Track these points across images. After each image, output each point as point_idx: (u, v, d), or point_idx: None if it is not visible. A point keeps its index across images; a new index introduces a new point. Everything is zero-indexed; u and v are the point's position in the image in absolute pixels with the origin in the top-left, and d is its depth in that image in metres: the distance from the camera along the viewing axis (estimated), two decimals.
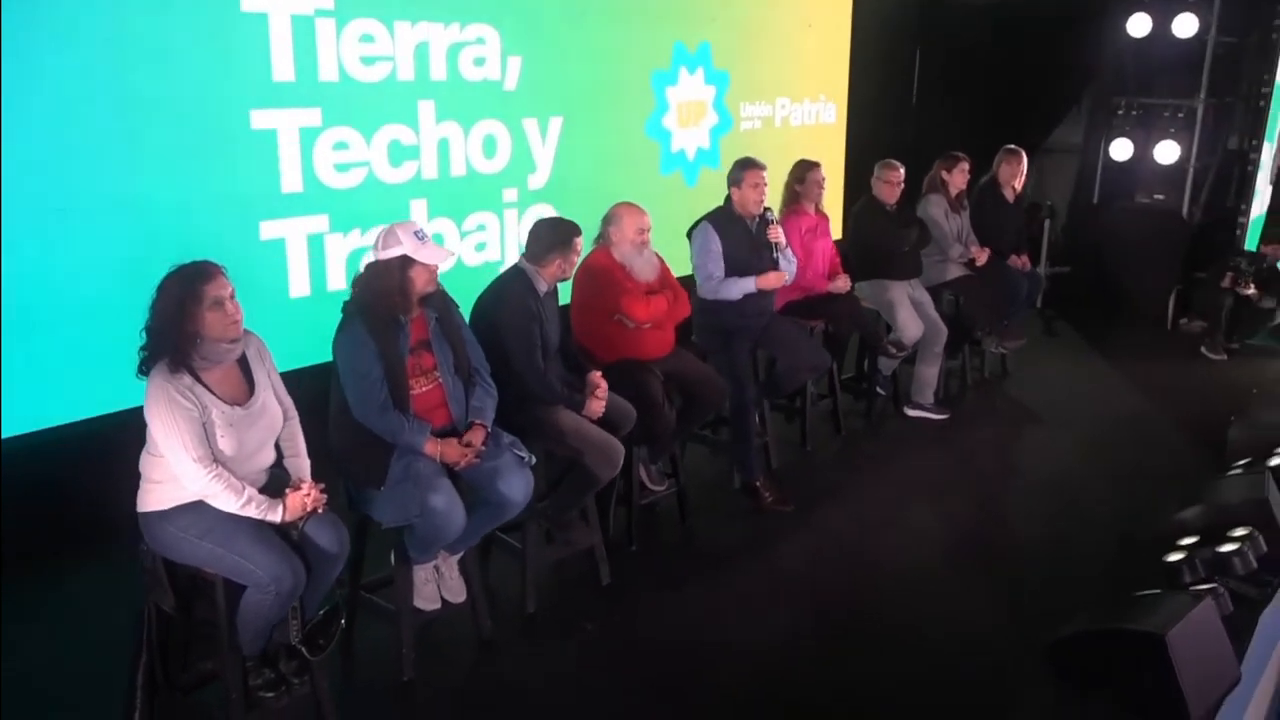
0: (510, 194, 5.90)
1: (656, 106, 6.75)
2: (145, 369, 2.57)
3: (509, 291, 3.55)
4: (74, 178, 4.04)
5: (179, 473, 2.57)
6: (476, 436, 3.19)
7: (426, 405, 3.17)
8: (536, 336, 3.52)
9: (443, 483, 3.05)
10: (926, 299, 5.58)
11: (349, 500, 3.19)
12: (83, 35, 3.97)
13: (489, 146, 5.68)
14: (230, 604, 2.66)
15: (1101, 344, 7.26)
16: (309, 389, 3.28)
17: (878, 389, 5.71)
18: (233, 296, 2.61)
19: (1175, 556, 3.89)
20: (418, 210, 5.40)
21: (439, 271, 3.19)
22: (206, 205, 4.50)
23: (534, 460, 3.31)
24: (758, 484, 4.55)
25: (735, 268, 4.52)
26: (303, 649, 2.77)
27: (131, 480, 2.75)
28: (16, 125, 3.83)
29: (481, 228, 5.76)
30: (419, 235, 3.10)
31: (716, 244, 4.51)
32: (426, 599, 3.32)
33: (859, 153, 8.16)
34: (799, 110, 8.01)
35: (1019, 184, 6.21)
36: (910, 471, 5.07)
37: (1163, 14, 7.33)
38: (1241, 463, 4.74)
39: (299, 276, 4.94)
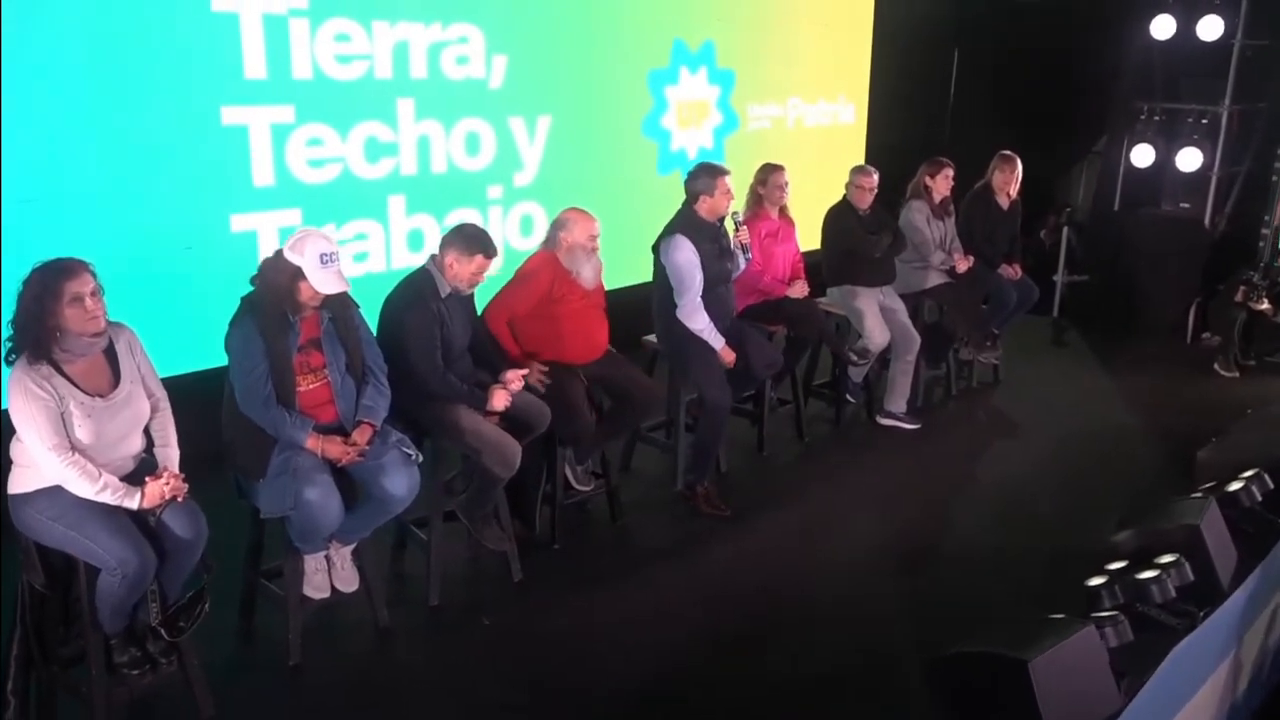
0: (495, 191, 5.99)
1: (654, 106, 6.77)
2: (11, 359, 2.71)
3: (411, 293, 3.63)
4: (40, 169, 4.24)
5: (36, 458, 2.71)
6: (362, 435, 3.28)
7: (313, 402, 3.27)
8: (437, 337, 3.59)
9: (320, 478, 3.14)
10: (899, 306, 5.50)
11: (238, 490, 3.31)
12: (55, 33, 4.16)
13: (471, 144, 5.78)
14: (91, 584, 2.80)
15: (1110, 356, 7.05)
16: None
17: (847, 396, 5.65)
18: (94, 293, 2.73)
19: (1097, 580, 3.79)
20: (396, 206, 5.53)
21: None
22: (175, 197, 4.68)
23: (420, 458, 3.38)
24: (698, 488, 4.56)
25: (706, 276, 4.47)
26: (161, 630, 2.89)
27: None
28: None
29: None
30: (324, 259, 3.13)
31: (696, 258, 4.41)
32: (316, 587, 3.43)
33: (883, 154, 8.04)
34: (813, 110, 7.95)
35: (1013, 190, 6.06)
36: (864, 480, 5.02)
37: (1187, 16, 7.05)
38: (1205, 486, 4.58)
39: None
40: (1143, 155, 7.39)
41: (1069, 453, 5.36)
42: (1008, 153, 6.04)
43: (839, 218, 5.43)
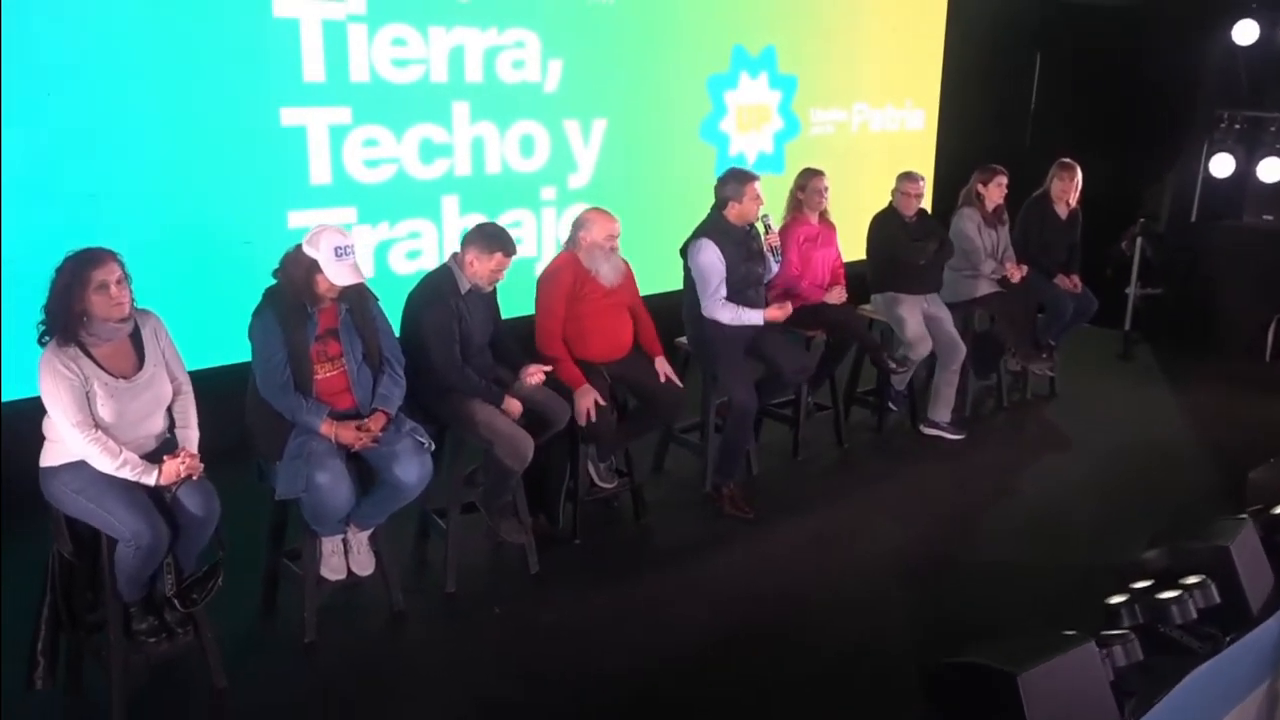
0: (549, 192, 6.11)
1: (713, 110, 6.81)
2: (44, 341, 2.91)
3: (431, 289, 3.75)
4: (107, 166, 4.49)
5: (62, 434, 2.91)
6: (376, 422, 3.41)
7: (331, 389, 3.41)
8: (455, 332, 3.71)
9: (333, 463, 3.28)
10: (945, 315, 5.42)
11: (259, 473, 3.47)
12: (120, 35, 4.41)
13: (526, 146, 5.90)
14: (111, 554, 2.98)
15: (1180, 372, 6.82)
16: None
17: (889, 404, 5.60)
18: (119, 282, 2.90)
19: (1118, 599, 3.70)
20: (449, 206, 5.69)
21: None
22: (234, 194, 4.90)
23: (433, 447, 3.50)
24: (723, 490, 4.59)
25: (734, 279, 4.52)
26: (175, 601, 3.07)
27: None
28: (55, 116, 4.30)
29: (518, 224, 5.99)
30: (339, 252, 3.27)
31: (720, 260, 4.46)
32: (332, 569, 3.56)
33: (954, 161, 7.94)
34: (879, 116, 7.88)
35: (1073, 199, 5.94)
36: (897, 489, 4.97)
37: (1271, 20, 6.79)
38: (1253, 508, 4.42)
39: None
40: (1222, 165, 7.13)
41: (1116, 469, 5.21)
42: (1067, 160, 5.92)
43: (883, 224, 5.39)
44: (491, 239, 3.77)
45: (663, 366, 4.35)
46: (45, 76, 4.24)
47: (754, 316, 4.50)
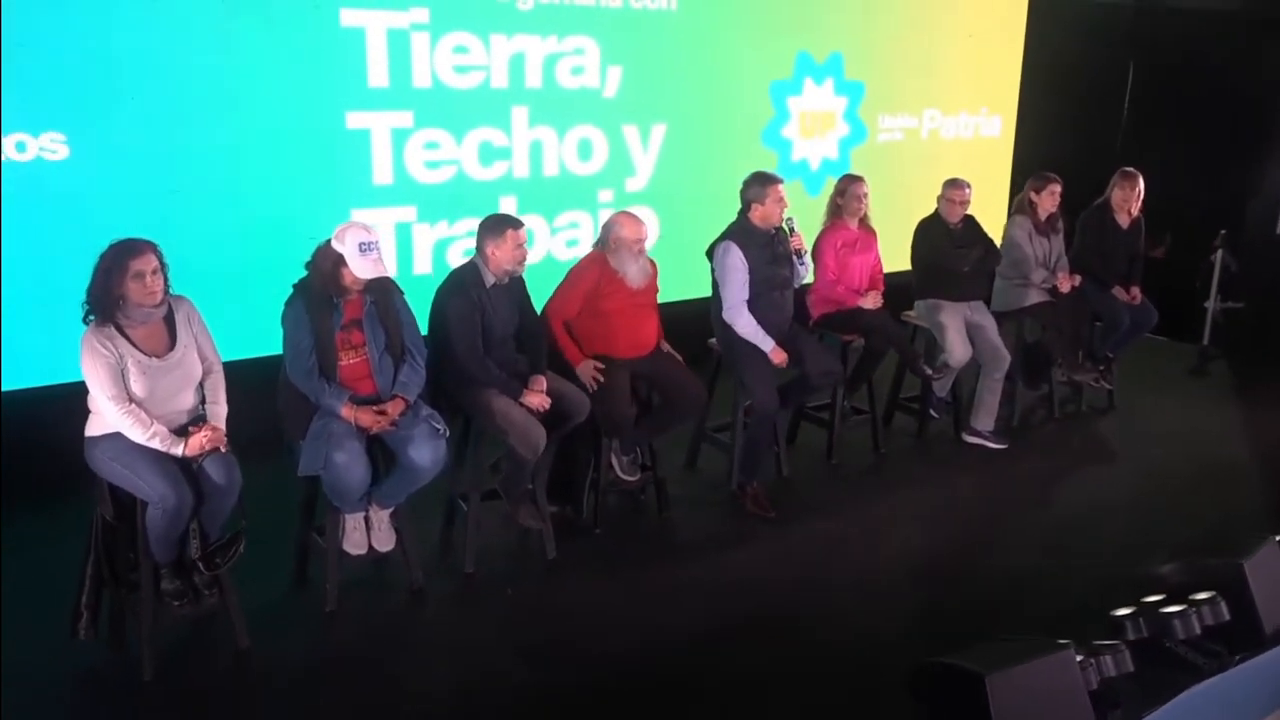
0: (606, 195, 6.27)
1: (776, 116, 6.88)
2: (87, 320, 3.22)
3: (456, 282, 3.96)
4: (184, 165, 4.86)
5: (100, 406, 3.21)
6: (394, 408, 3.63)
7: (353, 375, 3.65)
8: (478, 325, 3.90)
9: (350, 444, 3.51)
10: (989, 323, 5.38)
11: (288, 451, 3.73)
12: (198, 43, 4.76)
13: (584, 150, 6.09)
14: (143, 516, 3.27)
15: (1253, 390, 6.58)
16: None
17: (931, 411, 5.58)
18: (155, 271, 3.18)
19: (1124, 611, 3.67)
20: (507, 206, 5.91)
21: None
22: (301, 192, 5.22)
23: (448, 433, 3.70)
24: (747, 488, 4.68)
25: (757, 281, 4.61)
26: (200, 564, 3.34)
27: None
28: (137, 118, 4.67)
29: (574, 225, 6.19)
30: (363, 248, 3.51)
31: (742, 262, 4.54)
32: (354, 544, 3.79)
33: (1033, 168, 7.76)
34: (952, 123, 7.82)
35: (1135, 209, 5.82)
36: (926, 495, 4.97)
37: None
38: None
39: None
40: None
41: (1160, 485, 5.09)
42: (1129, 169, 5.81)
43: (926, 230, 5.39)
44: (495, 225, 3.98)
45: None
46: (127, 80, 4.62)
47: (765, 344, 4.57)
